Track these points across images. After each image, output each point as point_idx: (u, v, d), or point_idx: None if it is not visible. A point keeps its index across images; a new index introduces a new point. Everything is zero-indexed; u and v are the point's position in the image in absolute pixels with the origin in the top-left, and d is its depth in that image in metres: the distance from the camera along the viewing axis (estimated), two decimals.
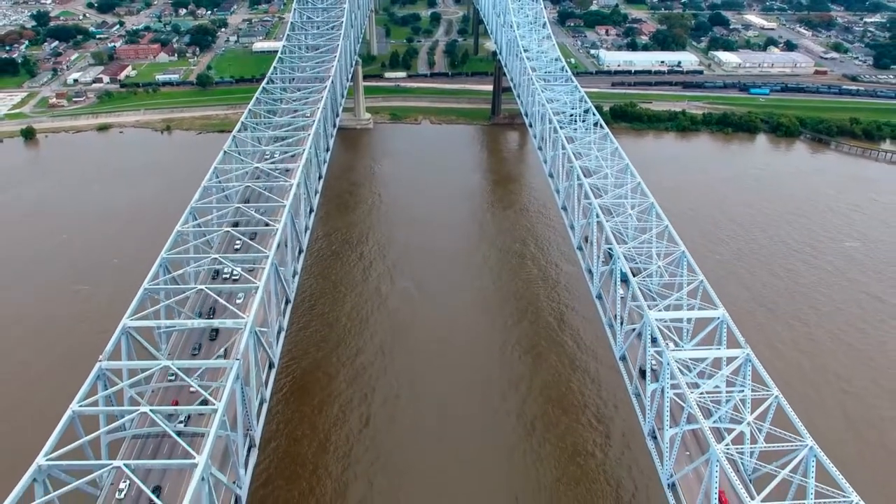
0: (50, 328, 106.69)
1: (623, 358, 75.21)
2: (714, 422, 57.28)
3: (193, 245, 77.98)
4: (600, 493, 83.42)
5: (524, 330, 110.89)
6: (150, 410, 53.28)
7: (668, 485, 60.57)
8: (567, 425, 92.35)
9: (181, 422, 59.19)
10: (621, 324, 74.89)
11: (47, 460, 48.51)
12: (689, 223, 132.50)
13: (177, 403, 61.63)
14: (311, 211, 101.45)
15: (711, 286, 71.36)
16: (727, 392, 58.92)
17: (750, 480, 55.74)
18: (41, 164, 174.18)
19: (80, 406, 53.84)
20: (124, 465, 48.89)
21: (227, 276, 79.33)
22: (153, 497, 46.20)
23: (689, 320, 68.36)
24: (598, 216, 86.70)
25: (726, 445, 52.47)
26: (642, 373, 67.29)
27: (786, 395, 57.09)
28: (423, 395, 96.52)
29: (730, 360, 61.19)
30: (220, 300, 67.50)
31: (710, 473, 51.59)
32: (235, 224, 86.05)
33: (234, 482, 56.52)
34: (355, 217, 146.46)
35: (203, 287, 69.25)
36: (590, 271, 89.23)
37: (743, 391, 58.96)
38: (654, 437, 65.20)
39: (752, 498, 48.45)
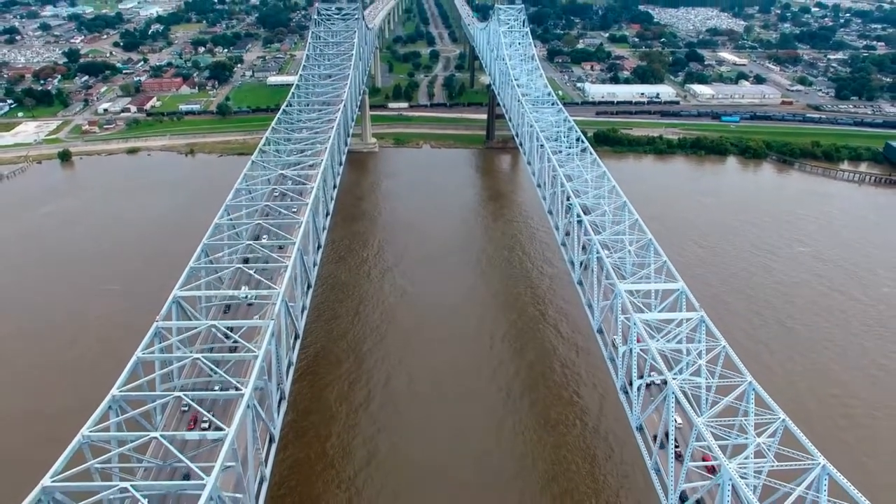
0: (104, 318, 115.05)
1: (600, 331, 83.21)
2: (675, 374, 65.16)
3: (227, 235, 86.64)
4: (583, 456, 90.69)
5: (514, 320, 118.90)
6: (203, 357, 61.28)
7: (637, 427, 68.22)
8: (552, 399, 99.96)
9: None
10: (598, 279, 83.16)
11: (119, 391, 56.22)
12: (664, 229, 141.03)
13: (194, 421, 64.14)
14: (327, 214, 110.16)
15: (682, 275, 79.23)
16: (686, 347, 67.04)
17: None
18: (77, 182, 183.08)
19: (143, 353, 61.67)
20: (183, 394, 56.64)
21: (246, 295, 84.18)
22: (209, 416, 53.94)
23: (656, 292, 76.47)
24: (578, 214, 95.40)
25: (682, 381, 60.43)
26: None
27: (751, 369, 63.04)
28: (424, 375, 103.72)
29: (688, 321, 69.44)
30: (255, 275, 75.96)
31: (668, 405, 59.44)
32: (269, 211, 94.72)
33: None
34: (363, 226, 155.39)
35: (240, 266, 77.74)
36: (571, 262, 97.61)
37: (699, 346, 67.04)
38: (626, 393, 72.94)
39: (699, 416, 56.22)
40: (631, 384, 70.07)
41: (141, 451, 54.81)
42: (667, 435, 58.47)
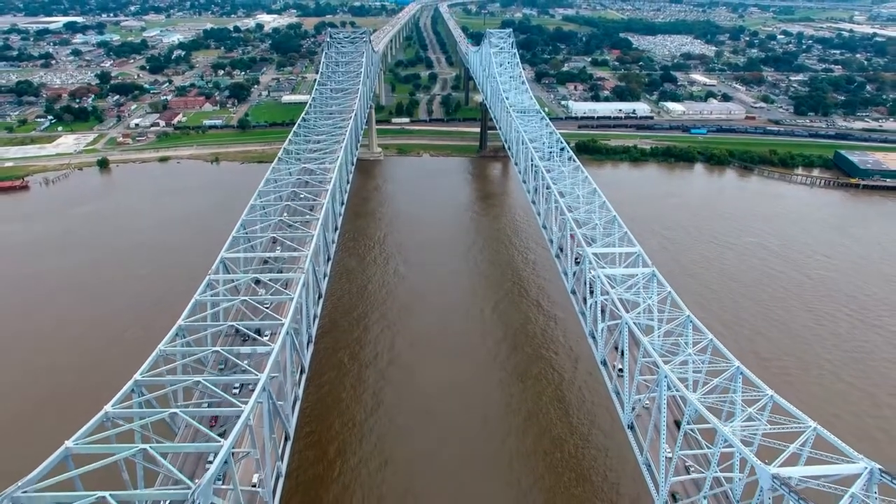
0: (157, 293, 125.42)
1: (573, 292, 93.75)
2: (632, 317, 75.64)
3: (260, 213, 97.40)
4: (559, 402, 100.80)
5: (501, 295, 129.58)
6: (249, 299, 71.76)
7: (601, 361, 78.64)
8: (533, 358, 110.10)
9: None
10: (572, 252, 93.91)
11: (185, 322, 66.58)
12: (635, 224, 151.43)
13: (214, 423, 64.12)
14: (342, 203, 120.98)
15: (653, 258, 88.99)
16: (642, 296, 77.55)
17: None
18: (115, 185, 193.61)
19: (199, 297, 72.11)
20: (236, 324, 67.08)
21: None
22: (255, 336, 64.28)
23: (619, 255, 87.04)
24: (556, 200, 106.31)
25: (634, 317, 71.01)
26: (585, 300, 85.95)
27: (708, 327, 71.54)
28: (423, 341, 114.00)
29: (643, 275, 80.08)
30: (287, 241, 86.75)
31: (622, 336, 70.01)
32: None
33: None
34: (370, 221, 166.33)
35: (274, 235, 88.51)
36: (551, 240, 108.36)
37: (651, 294, 77.61)
38: (594, 337, 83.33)
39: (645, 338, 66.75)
40: (596, 327, 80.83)
41: (202, 364, 64.96)
42: (618, 358, 69.04)
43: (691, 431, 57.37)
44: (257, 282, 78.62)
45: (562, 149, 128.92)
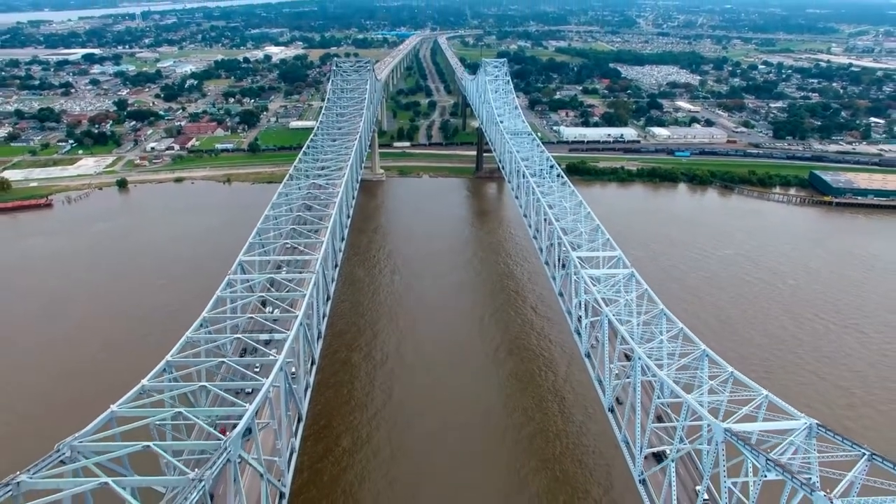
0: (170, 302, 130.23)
1: (560, 294, 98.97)
2: (612, 311, 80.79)
3: (274, 223, 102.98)
4: (554, 398, 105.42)
5: (499, 303, 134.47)
6: (265, 295, 76.92)
7: (585, 354, 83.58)
8: (529, 358, 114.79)
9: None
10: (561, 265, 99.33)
11: (209, 314, 71.65)
12: (621, 238, 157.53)
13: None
14: (348, 216, 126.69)
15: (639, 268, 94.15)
16: (622, 293, 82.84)
17: None
18: (133, 203, 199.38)
19: (221, 293, 77.13)
20: (265, 295, 72.45)
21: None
22: (284, 306, 69.33)
23: (601, 259, 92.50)
24: (545, 212, 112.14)
25: (614, 312, 76.20)
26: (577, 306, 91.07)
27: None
28: (427, 343, 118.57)
29: (623, 275, 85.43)
30: (298, 247, 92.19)
31: (602, 328, 75.12)
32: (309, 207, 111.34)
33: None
34: (374, 236, 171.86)
35: (288, 242, 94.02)
36: (541, 249, 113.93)
37: (630, 293, 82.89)
38: (578, 333, 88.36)
39: (623, 325, 71.88)
40: (581, 323, 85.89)
41: (221, 350, 69.79)
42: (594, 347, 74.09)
43: (662, 405, 62.23)
44: (272, 281, 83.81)
45: (551, 166, 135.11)
